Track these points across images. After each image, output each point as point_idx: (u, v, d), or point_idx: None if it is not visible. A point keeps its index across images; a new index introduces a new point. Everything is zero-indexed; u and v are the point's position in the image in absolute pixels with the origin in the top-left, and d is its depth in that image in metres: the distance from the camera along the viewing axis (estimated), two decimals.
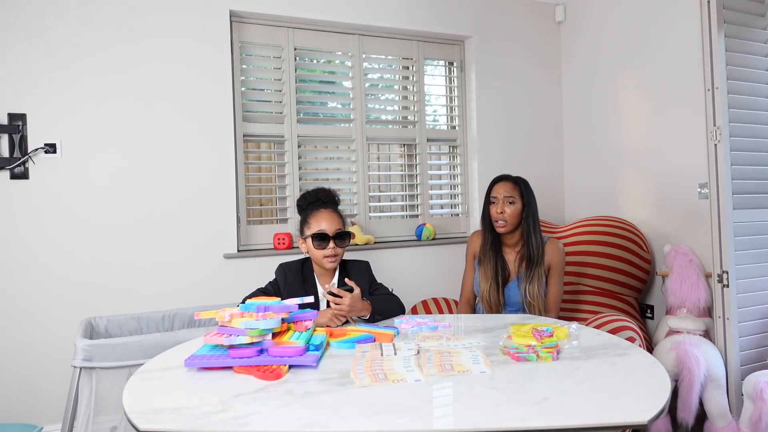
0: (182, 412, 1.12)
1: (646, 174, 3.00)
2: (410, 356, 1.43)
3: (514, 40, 3.41)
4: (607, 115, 3.23)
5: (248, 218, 2.86)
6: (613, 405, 1.12)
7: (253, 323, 1.39)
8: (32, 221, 2.39)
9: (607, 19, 3.21)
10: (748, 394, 2.05)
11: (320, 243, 1.91)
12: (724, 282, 2.16)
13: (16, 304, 2.37)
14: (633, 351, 1.47)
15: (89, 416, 1.87)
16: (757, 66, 2.30)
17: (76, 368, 1.88)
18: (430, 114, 3.37)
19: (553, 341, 1.50)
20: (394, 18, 3.07)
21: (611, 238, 2.80)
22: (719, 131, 2.15)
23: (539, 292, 2.12)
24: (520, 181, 2.22)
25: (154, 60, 2.57)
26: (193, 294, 2.62)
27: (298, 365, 1.38)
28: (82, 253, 2.46)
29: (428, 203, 3.30)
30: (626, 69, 3.09)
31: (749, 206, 2.24)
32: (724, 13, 2.17)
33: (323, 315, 1.79)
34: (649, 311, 2.98)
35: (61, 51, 2.42)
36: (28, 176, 2.38)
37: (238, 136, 2.79)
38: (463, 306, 2.32)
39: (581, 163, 3.44)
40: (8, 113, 2.34)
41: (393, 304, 1.97)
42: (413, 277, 3.11)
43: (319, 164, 3.08)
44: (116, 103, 2.51)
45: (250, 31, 2.85)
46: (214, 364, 1.37)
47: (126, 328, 2.28)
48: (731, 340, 2.18)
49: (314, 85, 3.14)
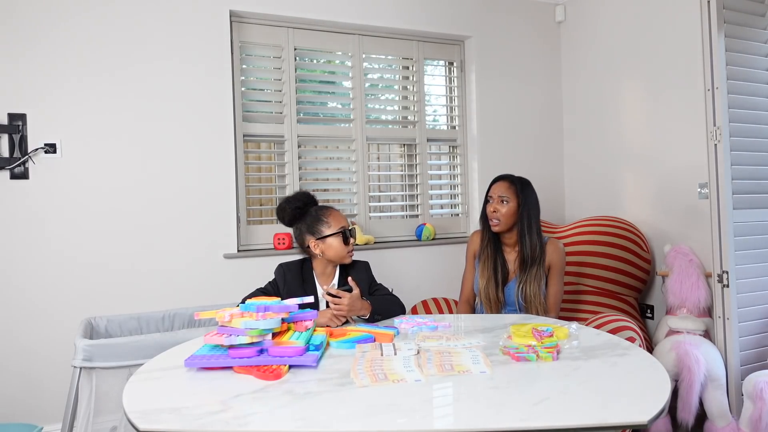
0: (182, 412, 1.12)
1: (646, 174, 3.00)
2: (410, 356, 1.43)
3: (514, 40, 3.41)
4: (607, 114, 3.23)
5: (248, 218, 2.86)
6: (613, 405, 1.12)
7: (253, 323, 1.39)
8: (32, 221, 2.39)
9: (608, 19, 3.21)
10: (748, 394, 2.05)
11: (348, 239, 1.98)
12: (724, 282, 2.16)
13: (16, 304, 2.37)
14: (633, 351, 1.47)
15: (89, 416, 1.86)
16: (757, 66, 2.30)
17: (76, 368, 1.87)
18: (430, 114, 3.37)
19: (553, 341, 1.50)
20: (394, 18, 3.07)
21: (611, 238, 2.80)
22: (719, 131, 2.15)
23: (537, 292, 2.12)
24: (517, 181, 2.21)
25: (154, 60, 2.57)
26: (193, 294, 2.62)
27: (298, 365, 1.38)
28: (81, 253, 2.46)
29: (428, 203, 3.30)
30: (626, 69, 3.09)
31: (749, 206, 2.24)
32: (724, 13, 2.17)
33: (323, 315, 1.79)
34: (649, 311, 2.98)
35: (61, 51, 2.42)
36: (28, 176, 2.38)
37: (238, 136, 2.79)
38: (463, 305, 2.32)
39: (581, 163, 3.44)
40: (8, 113, 2.34)
41: (393, 304, 1.97)
42: (413, 277, 3.11)
43: (319, 164, 3.08)
44: (116, 103, 2.51)
45: (250, 31, 2.85)
46: (214, 364, 1.37)
47: (126, 328, 2.27)
48: (731, 340, 2.18)
49: (314, 85, 3.14)
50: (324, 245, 1.96)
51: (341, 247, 1.96)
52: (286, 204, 2.03)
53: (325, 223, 1.97)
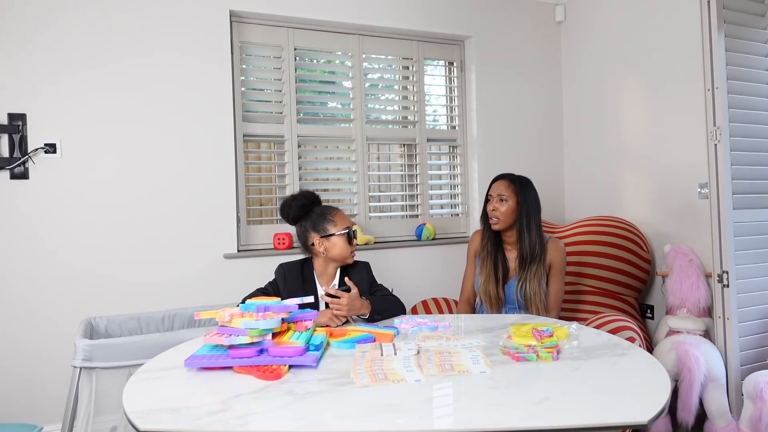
0: (182, 412, 1.12)
1: (646, 174, 3.00)
2: (410, 356, 1.43)
3: (514, 40, 3.41)
4: (607, 114, 3.23)
5: (248, 218, 2.86)
6: (613, 405, 1.12)
7: (253, 323, 1.39)
8: (32, 221, 2.39)
9: (607, 19, 3.21)
10: (748, 394, 2.05)
11: (352, 239, 2.00)
12: (724, 282, 2.16)
13: (16, 304, 2.37)
14: (633, 351, 1.47)
15: (89, 416, 1.86)
16: (757, 66, 2.30)
17: (76, 368, 1.87)
18: (430, 114, 3.36)
19: (553, 341, 1.50)
20: (394, 18, 3.07)
21: (611, 238, 2.80)
22: (719, 131, 2.15)
23: (537, 290, 2.12)
24: (516, 180, 2.22)
25: (154, 60, 2.57)
26: (193, 294, 2.62)
27: (298, 365, 1.38)
28: (82, 253, 2.46)
29: (428, 203, 3.30)
30: (626, 69, 3.09)
31: (749, 206, 2.24)
32: (724, 13, 2.17)
33: (323, 315, 1.79)
34: (649, 311, 2.98)
35: (61, 51, 2.42)
36: (28, 176, 2.38)
37: (238, 136, 2.79)
38: (463, 305, 2.32)
39: (581, 163, 3.44)
40: (8, 113, 2.34)
41: (393, 304, 1.97)
42: (413, 277, 3.11)
43: (319, 164, 3.08)
44: (116, 103, 2.51)
45: (250, 31, 2.85)
46: (214, 364, 1.37)
47: (126, 328, 2.27)
48: (731, 340, 2.18)
49: (314, 85, 3.14)
50: (328, 243, 1.97)
51: (345, 246, 1.98)
52: (291, 201, 2.04)
53: (331, 221, 1.98)
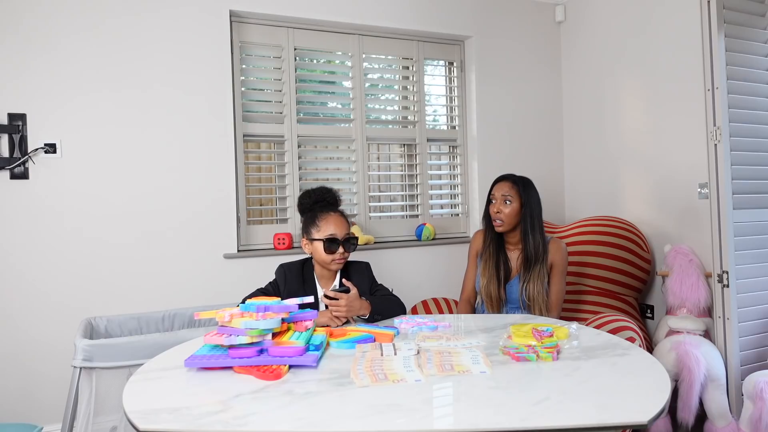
0: (182, 412, 1.12)
1: (646, 174, 3.00)
2: (410, 356, 1.43)
3: (514, 40, 3.41)
4: (607, 115, 3.23)
5: (248, 218, 2.86)
6: (613, 405, 1.12)
7: (253, 323, 1.39)
8: (32, 221, 2.39)
9: (607, 19, 3.21)
10: (748, 394, 2.05)
11: (331, 248, 1.92)
12: (724, 282, 2.16)
13: (16, 304, 2.37)
14: (633, 351, 1.47)
15: (89, 416, 1.86)
16: (757, 66, 2.30)
17: (76, 368, 1.87)
18: (430, 114, 3.36)
19: (553, 341, 1.50)
20: (394, 18, 3.07)
21: (611, 238, 2.80)
22: (719, 131, 2.15)
23: (541, 291, 2.13)
24: (519, 181, 2.22)
25: (154, 60, 2.57)
26: (193, 294, 2.62)
27: (298, 365, 1.38)
28: (82, 253, 2.46)
29: (428, 203, 3.30)
30: (626, 69, 3.09)
31: (749, 206, 2.24)
32: (724, 13, 2.17)
33: (323, 315, 1.79)
34: (649, 311, 2.98)
35: (61, 51, 2.42)
36: (28, 176, 2.38)
37: (238, 136, 2.79)
38: (463, 304, 2.32)
39: (581, 163, 3.44)
40: (8, 113, 2.34)
41: (393, 304, 1.97)
42: (413, 277, 3.11)
43: (319, 164, 3.08)
44: (116, 104, 2.51)
45: (250, 31, 2.85)
46: (214, 364, 1.37)
47: (126, 328, 2.27)
48: (731, 340, 2.18)
49: (314, 85, 3.14)
50: (311, 247, 1.98)
51: (323, 254, 1.93)
52: (306, 195, 2.05)
53: (316, 226, 1.96)
